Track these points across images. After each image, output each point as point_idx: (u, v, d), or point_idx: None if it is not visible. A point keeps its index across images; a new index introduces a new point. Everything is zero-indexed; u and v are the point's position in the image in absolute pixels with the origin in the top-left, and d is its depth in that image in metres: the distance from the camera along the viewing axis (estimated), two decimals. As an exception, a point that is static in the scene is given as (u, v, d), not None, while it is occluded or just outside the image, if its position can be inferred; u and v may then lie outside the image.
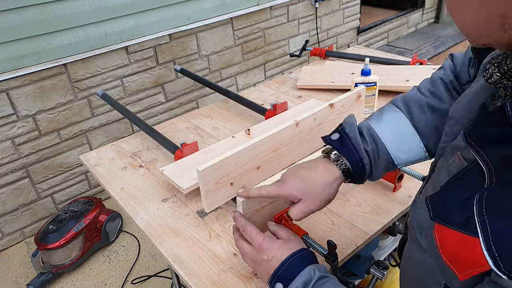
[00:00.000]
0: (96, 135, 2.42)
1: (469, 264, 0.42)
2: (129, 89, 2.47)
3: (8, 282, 2.07)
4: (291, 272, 0.65)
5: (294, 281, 0.63)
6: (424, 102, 0.75)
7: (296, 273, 0.64)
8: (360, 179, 0.72)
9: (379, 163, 0.73)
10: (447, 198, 0.48)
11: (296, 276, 0.64)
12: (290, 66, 3.39)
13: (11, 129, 2.08)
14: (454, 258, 0.45)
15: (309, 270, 0.64)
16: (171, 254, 0.93)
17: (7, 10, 1.88)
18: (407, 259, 0.64)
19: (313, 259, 0.69)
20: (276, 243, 0.70)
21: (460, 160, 0.51)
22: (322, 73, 1.70)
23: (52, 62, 2.09)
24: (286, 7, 3.10)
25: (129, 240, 2.29)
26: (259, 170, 1.05)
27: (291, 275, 0.64)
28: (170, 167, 1.13)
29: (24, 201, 2.25)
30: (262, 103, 1.56)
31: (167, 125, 1.49)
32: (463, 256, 0.43)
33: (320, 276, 0.63)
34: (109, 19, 2.22)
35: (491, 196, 0.42)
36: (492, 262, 0.39)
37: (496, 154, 0.44)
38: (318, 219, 0.98)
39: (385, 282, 1.44)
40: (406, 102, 0.76)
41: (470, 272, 0.42)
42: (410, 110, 0.75)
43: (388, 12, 4.50)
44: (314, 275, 0.63)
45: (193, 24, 2.58)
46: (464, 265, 0.43)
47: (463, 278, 0.44)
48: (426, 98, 0.76)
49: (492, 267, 0.39)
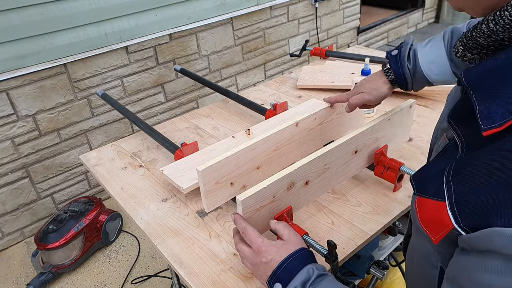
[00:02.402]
0: (96, 135, 2.42)
1: (439, 227, 0.46)
2: (129, 89, 2.47)
3: (8, 282, 2.07)
4: (289, 272, 0.65)
5: (293, 280, 0.63)
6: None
7: (294, 273, 0.64)
8: (404, 87, 0.93)
9: (416, 79, 0.91)
10: (427, 172, 0.53)
11: (295, 276, 0.64)
12: (290, 66, 3.39)
13: (11, 129, 2.08)
14: (428, 224, 0.48)
15: (308, 269, 0.64)
16: (171, 254, 0.93)
17: (6, 10, 1.88)
18: (411, 251, 0.67)
19: (312, 259, 0.69)
20: (275, 245, 0.70)
21: (445, 139, 0.56)
22: (322, 73, 1.70)
23: (52, 62, 2.09)
24: (286, 7, 3.10)
25: (129, 240, 2.29)
26: (259, 170, 1.05)
27: (290, 275, 0.65)
28: (170, 167, 1.13)
29: (24, 201, 2.25)
30: (262, 103, 1.56)
31: (167, 125, 1.49)
32: (434, 221, 0.47)
33: (319, 274, 0.63)
34: (109, 19, 2.22)
35: (457, 165, 0.46)
36: (454, 220, 0.43)
37: (466, 128, 0.49)
38: (318, 219, 0.98)
39: (385, 282, 1.44)
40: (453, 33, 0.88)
41: (441, 235, 0.46)
42: (452, 41, 0.87)
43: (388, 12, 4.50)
44: (312, 274, 0.63)
45: (193, 24, 2.58)
46: (436, 229, 0.47)
47: (436, 242, 0.47)
48: None
49: (454, 224, 0.43)
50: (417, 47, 0.92)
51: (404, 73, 0.91)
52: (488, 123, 0.41)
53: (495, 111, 0.41)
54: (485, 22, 0.44)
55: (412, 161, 1.15)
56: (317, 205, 1.02)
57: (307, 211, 1.00)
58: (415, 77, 0.91)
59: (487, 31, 0.44)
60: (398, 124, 1.11)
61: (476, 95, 0.44)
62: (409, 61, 0.91)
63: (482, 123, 0.42)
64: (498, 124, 0.40)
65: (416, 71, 0.90)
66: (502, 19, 0.42)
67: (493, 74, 0.43)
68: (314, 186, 0.98)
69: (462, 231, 0.42)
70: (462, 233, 0.42)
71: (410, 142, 1.24)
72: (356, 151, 1.02)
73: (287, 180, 0.88)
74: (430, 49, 0.90)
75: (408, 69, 0.91)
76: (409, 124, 1.17)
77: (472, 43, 0.48)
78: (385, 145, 1.09)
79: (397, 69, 0.92)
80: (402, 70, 0.91)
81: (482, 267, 0.41)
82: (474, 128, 0.45)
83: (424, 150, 1.20)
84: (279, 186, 0.86)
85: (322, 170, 0.96)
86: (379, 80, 0.95)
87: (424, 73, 0.90)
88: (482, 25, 0.45)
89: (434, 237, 0.47)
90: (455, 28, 0.88)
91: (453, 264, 0.48)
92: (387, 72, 0.94)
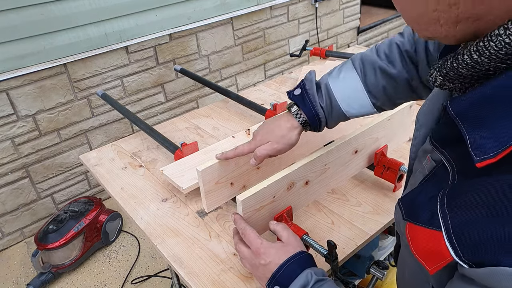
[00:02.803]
0: (96, 135, 2.42)
1: (436, 258, 0.44)
2: (129, 89, 2.47)
3: (8, 282, 2.07)
4: (288, 276, 0.65)
5: (292, 285, 0.63)
6: (377, 64, 0.81)
7: (293, 277, 0.64)
8: (317, 129, 0.84)
9: (333, 117, 0.83)
10: (416, 197, 0.50)
11: (294, 280, 0.64)
12: (290, 66, 3.39)
13: (11, 129, 2.08)
14: (424, 254, 0.46)
15: (306, 274, 0.64)
16: (171, 254, 0.93)
17: (6, 10, 1.87)
18: (401, 264, 0.65)
19: (311, 262, 0.69)
20: (274, 247, 0.70)
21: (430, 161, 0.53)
22: (322, 73, 1.69)
23: (52, 62, 2.09)
24: (286, 7, 3.10)
25: (129, 240, 2.29)
26: (259, 170, 1.05)
27: (289, 279, 0.65)
28: (170, 167, 1.13)
29: (24, 201, 2.25)
30: (262, 103, 1.56)
31: (167, 125, 1.49)
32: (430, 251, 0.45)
33: (317, 279, 0.63)
34: (109, 19, 2.22)
35: (451, 192, 0.44)
36: (453, 253, 0.40)
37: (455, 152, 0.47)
38: (318, 219, 0.98)
39: (385, 282, 1.44)
40: (363, 62, 0.83)
41: (438, 265, 0.44)
42: (365, 70, 0.82)
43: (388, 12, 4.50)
44: (311, 279, 0.63)
45: (193, 24, 2.58)
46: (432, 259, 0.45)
47: (433, 272, 0.45)
48: (380, 61, 0.81)
49: (454, 257, 0.40)
50: (328, 81, 0.84)
51: (317, 114, 0.81)
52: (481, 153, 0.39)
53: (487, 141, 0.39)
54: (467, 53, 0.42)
55: (412, 161, 1.15)
56: (317, 205, 1.02)
57: (307, 211, 1.01)
58: (332, 115, 0.83)
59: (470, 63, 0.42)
60: (398, 124, 1.11)
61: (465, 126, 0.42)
62: (321, 99, 0.82)
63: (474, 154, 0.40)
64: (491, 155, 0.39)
65: (333, 109, 0.82)
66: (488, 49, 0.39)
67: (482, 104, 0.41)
68: (314, 186, 0.98)
69: (464, 264, 0.40)
70: (464, 266, 0.40)
71: (410, 142, 1.24)
72: (356, 151, 1.02)
73: (287, 180, 0.88)
74: (344, 83, 0.83)
75: (322, 108, 0.81)
76: (409, 124, 1.17)
77: (454, 74, 0.45)
78: (385, 145, 1.09)
79: (309, 110, 0.81)
80: (315, 110, 0.81)
81: None
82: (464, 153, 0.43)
83: (424, 150, 1.20)
84: (279, 186, 0.86)
85: (322, 170, 0.96)
86: (286, 124, 0.83)
87: (342, 110, 0.82)
88: (464, 56, 0.43)
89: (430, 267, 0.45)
90: (364, 55, 0.83)
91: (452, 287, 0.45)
92: (297, 114, 0.82)
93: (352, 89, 0.82)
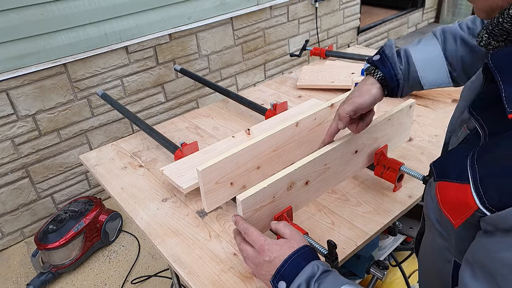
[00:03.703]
0: (96, 135, 2.42)
1: (462, 209, 0.47)
2: (129, 89, 2.47)
3: (8, 282, 2.07)
4: (294, 269, 0.65)
5: (297, 277, 0.63)
6: (459, 34, 0.83)
7: (299, 270, 0.64)
8: (395, 91, 0.84)
9: (409, 82, 0.84)
10: (449, 159, 0.54)
11: (299, 273, 0.64)
12: (290, 66, 3.39)
13: (11, 129, 2.08)
14: (450, 207, 0.49)
15: (313, 265, 0.64)
16: (171, 254, 0.93)
17: (7, 10, 1.88)
18: (424, 248, 0.68)
19: (315, 256, 0.69)
20: (277, 244, 0.70)
21: (465, 130, 0.57)
22: (322, 73, 1.70)
23: (52, 62, 2.09)
24: (286, 7, 3.10)
25: (129, 240, 2.29)
26: (259, 170, 1.05)
27: (294, 272, 0.64)
28: (170, 167, 1.13)
29: (24, 201, 2.25)
30: (262, 103, 1.56)
31: (167, 125, 1.48)
32: (457, 203, 0.48)
33: (324, 269, 0.63)
34: (109, 19, 2.22)
35: (481, 149, 0.47)
36: (478, 201, 0.44)
37: (489, 117, 0.50)
38: (318, 219, 0.98)
39: (385, 282, 1.44)
40: (444, 31, 0.84)
41: (463, 217, 0.47)
42: (445, 38, 0.84)
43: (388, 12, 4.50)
44: (317, 270, 0.63)
45: (193, 24, 2.58)
46: (458, 211, 0.48)
47: (457, 225, 0.48)
48: (463, 32, 0.83)
49: (478, 205, 0.44)
50: (408, 48, 0.85)
51: (396, 74, 0.82)
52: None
53: None
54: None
55: (412, 161, 1.15)
56: (317, 205, 1.02)
57: (307, 211, 1.00)
58: (408, 80, 0.84)
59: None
60: (398, 124, 1.11)
61: (502, 78, 0.45)
62: (400, 62, 0.83)
63: (508, 106, 0.42)
64: None
65: (410, 72, 0.83)
66: None
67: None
68: (314, 186, 0.98)
69: (487, 211, 0.42)
70: (486, 213, 0.43)
71: (410, 142, 1.24)
72: (356, 151, 1.02)
73: (287, 180, 0.88)
74: (424, 47, 0.84)
75: (401, 69, 0.83)
76: (409, 124, 1.17)
77: (498, 30, 0.48)
78: (385, 145, 1.09)
79: (388, 71, 0.82)
80: (394, 71, 0.82)
81: (507, 246, 0.41)
82: (497, 115, 0.46)
83: (424, 150, 1.20)
84: (279, 186, 0.86)
85: (322, 170, 0.96)
86: (365, 81, 0.85)
87: (417, 74, 0.83)
88: (510, 10, 0.45)
89: (456, 220, 0.48)
90: (446, 27, 0.85)
91: (474, 247, 0.48)
92: (375, 73, 0.84)
93: (431, 53, 0.83)
